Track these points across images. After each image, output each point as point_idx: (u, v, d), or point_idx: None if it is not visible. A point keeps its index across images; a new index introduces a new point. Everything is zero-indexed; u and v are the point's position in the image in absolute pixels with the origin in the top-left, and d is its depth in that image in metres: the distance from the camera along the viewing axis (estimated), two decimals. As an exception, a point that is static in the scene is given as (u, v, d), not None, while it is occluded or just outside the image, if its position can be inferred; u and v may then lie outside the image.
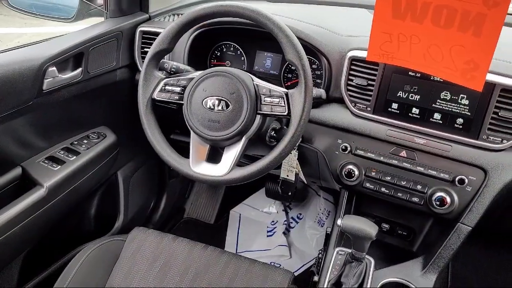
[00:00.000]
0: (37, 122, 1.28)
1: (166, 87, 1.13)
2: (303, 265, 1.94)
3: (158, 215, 2.04)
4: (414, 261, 1.25)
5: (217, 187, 2.28)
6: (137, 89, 1.14)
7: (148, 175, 1.93)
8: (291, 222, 2.14)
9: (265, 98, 1.07)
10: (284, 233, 2.08)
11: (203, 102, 1.08)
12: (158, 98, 1.14)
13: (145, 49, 1.48)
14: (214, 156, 1.12)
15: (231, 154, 1.09)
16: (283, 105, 1.05)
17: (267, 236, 2.09)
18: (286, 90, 1.06)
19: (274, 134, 1.20)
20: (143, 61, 1.15)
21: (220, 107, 1.06)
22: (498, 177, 1.12)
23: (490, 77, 1.05)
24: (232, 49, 1.48)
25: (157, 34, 1.14)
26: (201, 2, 1.64)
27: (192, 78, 1.11)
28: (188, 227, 2.20)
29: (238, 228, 2.14)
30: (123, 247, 1.26)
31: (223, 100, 1.06)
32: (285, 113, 1.05)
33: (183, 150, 1.14)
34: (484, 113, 1.09)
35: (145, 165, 1.88)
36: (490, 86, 1.06)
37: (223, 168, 1.07)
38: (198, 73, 1.12)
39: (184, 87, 1.12)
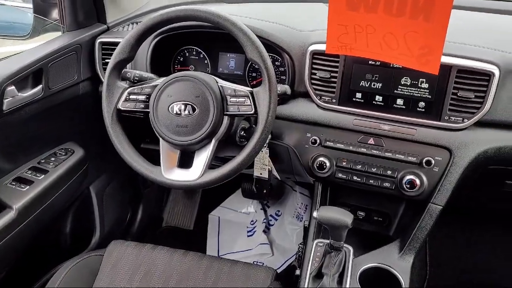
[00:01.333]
0: (0, 143, 1.25)
1: (131, 97, 1.12)
2: (286, 261, 1.96)
3: (136, 227, 2.02)
4: (391, 245, 1.28)
5: (193, 192, 2.27)
6: (101, 101, 1.13)
7: (121, 187, 1.90)
8: (270, 220, 2.15)
9: (231, 99, 1.07)
10: (264, 231, 2.09)
11: (169, 108, 1.08)
12: (123, 108, 1.12)
13: (106, 60, 1.47)
14: (185, 161, 1.12)
15: (202, 158, 1.09)
16: (249, 103, 1.06)
17: (248, 236, 2.10)
18: (251, 89, 1.07)
19: (244, 134, 1.21)
20: (105, 73, 1.14)
21: (187, 112, 1.06)
22: (462, 155, 1.15)
23: (446, 60, 1.09)
24: (194, 53, 1.48)
25: (116, 44, 1.13)
26: (159, 8, 1.63)
27: (156, 85, 1.11)
28: (168, 235, 2.18)
29: (218, 231, 2.14)
30: (101, 262, 1.24)
31: (189, 104, 1.06)
32: (252, 112, 1.06)
33: (155, 159, 1.13)
34: (444, 95, 1.13)
35: (118, 177, 1.86)
36: (447, 68, 1.10)
37: (196, 172, 1.07)
38: (162, 79, 1.12)
39: (149, 95, 1.11)
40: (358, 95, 1.21)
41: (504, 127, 1.15)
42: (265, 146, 1.30)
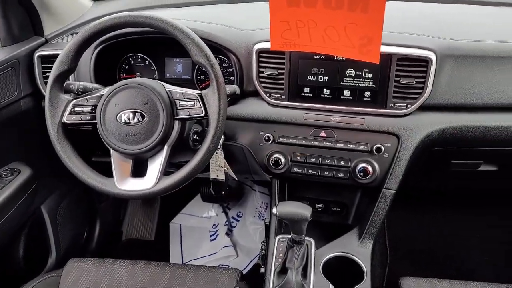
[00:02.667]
0: None
1: (76, 109, 1.09)
2: (251, 261, 1.96)
3: (94, 243, 1.96)
4: (350, 233, 1.31)
5: (151, 201, 2.23)
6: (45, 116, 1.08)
7: (75, 204, 1.84)
8: (232, 222, 2.15)
9: (180, 103, 1.06)
10: (227, 233, 2.09)
11: (117, 117, 1.05)
12: (69, 122, 1.09)
13: (47, 74, 1.41)
14: (139, 170, 1.10)
15: (156, 165, 1.07)
16: (199, 106, 1.05)
17: (211, 240, 2.09)
18: (200, 91, 1.06)
19: (197, 137, 1.20)
20: (46, 87, 1.10)
21: (136, 120, 1.05)
22: (409, 140, 1.20)
23: (387, 49, 1.13)
24: (140, 60, 1.45)
25: (56, 56, 1.09)
26: (99, 17, 1.58)
27: (101, 95, 1.08)
28: (129, 248, 2.13)
29: (181, 239, 2.11)
30: (59, 282, 1.19)
31: (138, 112, 1.05)
32: (203, 114, 1.05)
33: (109, 171, 1.10)
34: (387, 83, 1.17)
35: (71, 193, 1.80)
36: (388, 57, 1.14)
37: (150, 180, 1.06)
38: (107, 89, 1.09)
39: (95, 106, 1.08)
40: (306, 89, 1.23)
41: (445, 110, 1.20)
42: (220, 148, 1.29)
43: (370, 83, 1.18)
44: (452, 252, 1.92)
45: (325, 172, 1.27)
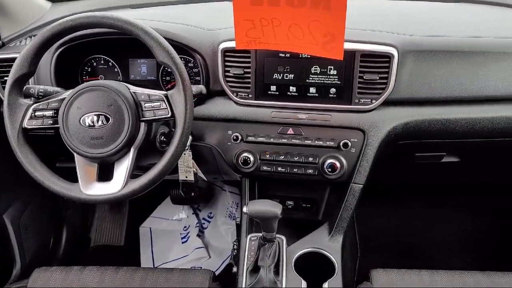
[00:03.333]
0: None
1: (36, 113, 1.06)
2: (223, 262, 1.96)
3: (61, 251, 1.90)
4: (320, 228, 1.32)
5: (119, 206, 2.19)
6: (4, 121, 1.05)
7: (40, 211, 1.78)
8: (203, 223, 2.13)
9: (146, 104, 1.05)
10: (198, 235, 2.07)
11: (81, 120, 1.03)
12: (30, 127, 1.06)
13: (5, 78, 1.36)
14: (105, 173, 1.07)
15: (122, 168, 1.05)
16: (165, 107, 1.04)
17: (182, 242, 2.07)
18: (166, 92, 1.05)
19: (164, 139, 1.19)
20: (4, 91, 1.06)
21: (100, 123, 1.03)
22: (374, 134, 1.22)
23: (350, 46, 1.15)
24: (103, 62, 1.42)
25: (13, 60, 1.06)
26: (58, 18, 1.54)
27: (63, 99, 1.06)
28: (98, 255, 2.08)
29: (151, 243, 2.08)
30: (25, 293, 1.16)
31: (102, 115, 1.03)
32: (169, 115, 1.04)
33: (74, 176, 1.07)
34: (351, 80, 1.19)
35: (35, 201, 1.74)
36: (351, 54, 1.16)
37: (117, 184, 1.04)
38: (69, 92, 1.06)
39: (57, 110, 1.06)
40: (273, 88, 1.23)
41: (408, 104, 1.23)
42: (188, 149, 1.28)
43: (335, 79, 1.20)
44: (420, 243, 1.97)
45: (294, 169, 1.28)
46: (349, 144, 1.23)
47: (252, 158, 1.28)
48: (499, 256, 1.87)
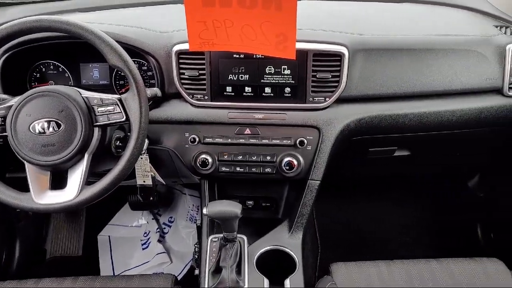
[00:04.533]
0: None
1: (-18, 122, 1.01)
2: (186, 266, 1.94)
3: (15, 265, 1.82)
4: (280, 226, 1.34)
5: (75, 215, 2.12)
6: None
7: (-10, 225, 1.70)
8: (164, 228, 2.11)
9: (99, 109, 1.03)
10: (159, 240, 2.04)
11: (30, 127, 1.00)
12: None
13: None
14: (58, 181, 1.05)
15: (76, 175, 1.03)
16: (119, 111, 1.03)
17: (143, 249, 2.03)
18: (119, 96, 1.04)
19: (120, 144, 1.17)
20: None
21: (51, 129, 1.00)
22: (329, 132, 1.25)
23: (302, 46, 1.17)
24: (52, 67, 1.38)
25: (-44, 66, 1.01)
26: (3, 23, 1.48)
27: (11, 106, 1.02)
28: (55, 266, 2.01)
29: (111, 251, 2.03)
30: (-23, 310, 1.10)
31: (53, 121, 1.00)
32: (124, 119, 1.03)
33: (26, 186, 1.04)
34: (305, 79, 1.21)
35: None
36: (304, 53, 1.18)
37: (72, 191, 1.01)
38: (17, 98, 1.03)
39: (4, 117, 1.02)
40: (228, 89, 1.24)
41: (361, 101, 1.27)
42: (144, 152, 1.26)
43: (289, 79, 1.22)
44: (378, 234, 2.04)
45: (253, 169, 1.29)
46: (305, 141, 1.26)
47: (210, 160, 1.28)
48: (451, 243, 1.96)
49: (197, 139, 1.28)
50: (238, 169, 1.29)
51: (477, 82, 1.28)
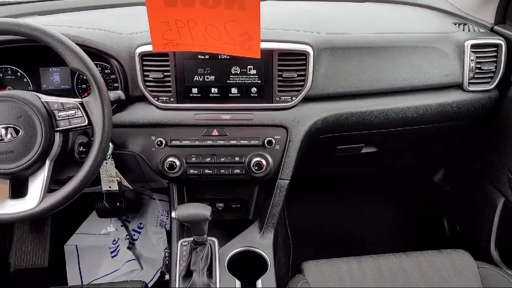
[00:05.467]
0: None
1: None
2: (157, 272, 1.90)
3: (-24, 280, 1.75)
4: (251, 227, 1.33)
5: (39, 224, 2.05)
6: None
7: None
8: (134, 235, 2.06)
9: (59, 113, 1.00)
10: (129, 247, 2.00)
11: None
12: None
13: None
14: (19, 190, 1.01)
15: (38, 183, 1.00)
16: (81, 115, 1.00)
17: (112, 257, 1.98)
18: (81, 99, 1.01)
19: (83, 149, 1.14)
20: None
21: (9, 136, 0.97)
22: (296, 131, 1.26)
23: (267, 45, 1.17)
24: (10, 72, 1.32)
25: None
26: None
27: None
28: (21, 279, 1.93)
29: (78, 261, 1.97)
30: None
31: (11, 127, 0.97)
32: (86, 123, 1.00)
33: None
34: (271, 78, 1.21)
35: None
36: (269, 53, 1.18)
37: (33, 200, 0.98)
38: None
39: None
40: (194, 90, 1.23)
41: (327, 99, 1.28)
42: (109, 157, 1.23)
43: (256, 79, 1.22)
44: (348, 232, 2.06)
45: (221, 170, 1.28)
46: (273, 141, 1.26)
47: (178, 162, 1.26)
48: (420, 237, 2.00)
49: (163, 142, 1.25)
50: (206, 171, 1.28)
51: (438, 78, 1.31)
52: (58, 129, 1.00)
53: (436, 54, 1.31)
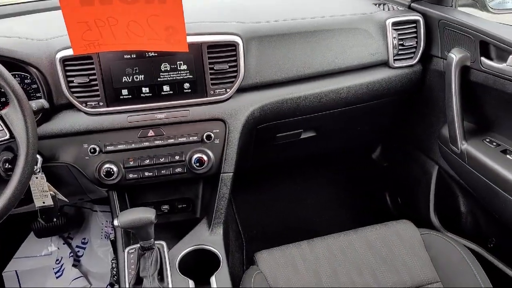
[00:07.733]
0: None
1: None
2: (107, 286, 1.82)
3: None
4: (199, 225, 1.30)
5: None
6: None
7: None
8: (78, 251, 1.96)
9: None
10: (74, 265, 1.90)
11: None
12: None
13: None
14: None
15: (-41, 206, 0.91)
16: (1, 129, 0.93)
17: (57, 277, 1.87)
18: (-1, 112, 0.93)
19: (9, 166, 1.06)
20: None
21: None
22: (234, 122, 1.25)
23: (195, 39, 1.15)
24: None
25: None
26: None
27: None
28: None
29: (20, 287, 1.84)
30: None
31: None
32: (7, 137, 0.94)
33: None
34: (203, 72, 1.19)
35: None
36: (198, 47, 1.16)
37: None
38: None
39: None
40: (124, 91, 1.18)
41: (261, 88, 1.28)
42: (39, 171, 1.16)
43: (187, 74, 1.19)
44: (297, 218, 2.08)
45: (162, 171, 1.24)
46: (212, 135, 1.24)
47: (115, 168, 1.20)
48: (365, 213, 2.07)
49: (97, 149, 1.20)
50: (146, 173, 1.24)
51: (365, 57, 1.36)
52: (-24, 146, 0.92)
53: (362, 34, 1.35)
